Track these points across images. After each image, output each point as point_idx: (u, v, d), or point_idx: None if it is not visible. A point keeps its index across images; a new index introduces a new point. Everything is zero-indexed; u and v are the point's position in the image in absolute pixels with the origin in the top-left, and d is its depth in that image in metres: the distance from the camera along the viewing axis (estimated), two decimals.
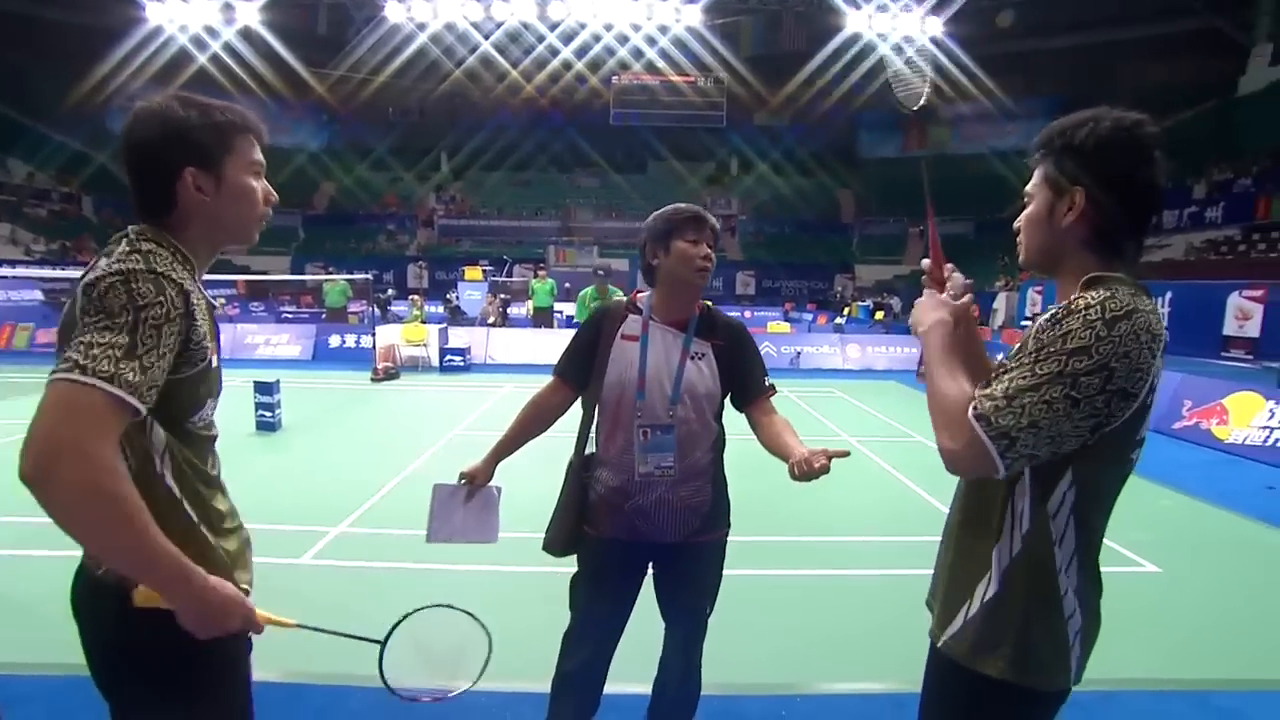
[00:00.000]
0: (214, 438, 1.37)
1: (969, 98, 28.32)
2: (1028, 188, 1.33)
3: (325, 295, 16.01)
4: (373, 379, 10.97)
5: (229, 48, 26.90)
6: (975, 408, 1.16)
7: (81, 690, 1.35)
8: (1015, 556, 1.27)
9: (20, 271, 16.12)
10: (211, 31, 26.30)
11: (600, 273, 6.91)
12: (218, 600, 1.18)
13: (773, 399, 2.12)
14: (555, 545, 2.14)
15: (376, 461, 6.13)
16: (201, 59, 26.65)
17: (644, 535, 2.04)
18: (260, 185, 1.38)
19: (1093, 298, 1.17)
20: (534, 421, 2.18)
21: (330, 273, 17.38)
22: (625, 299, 2.21)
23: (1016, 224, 1.37)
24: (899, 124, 37.87)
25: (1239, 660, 3.27)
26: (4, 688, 2.75)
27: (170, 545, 1.12)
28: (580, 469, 2.14)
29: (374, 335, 12.07)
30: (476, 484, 2.12)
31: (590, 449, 2.16)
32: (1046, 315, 1.19)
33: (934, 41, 27.40)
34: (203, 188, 1.29)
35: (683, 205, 2.09)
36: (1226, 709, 2.84)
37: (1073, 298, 1.19)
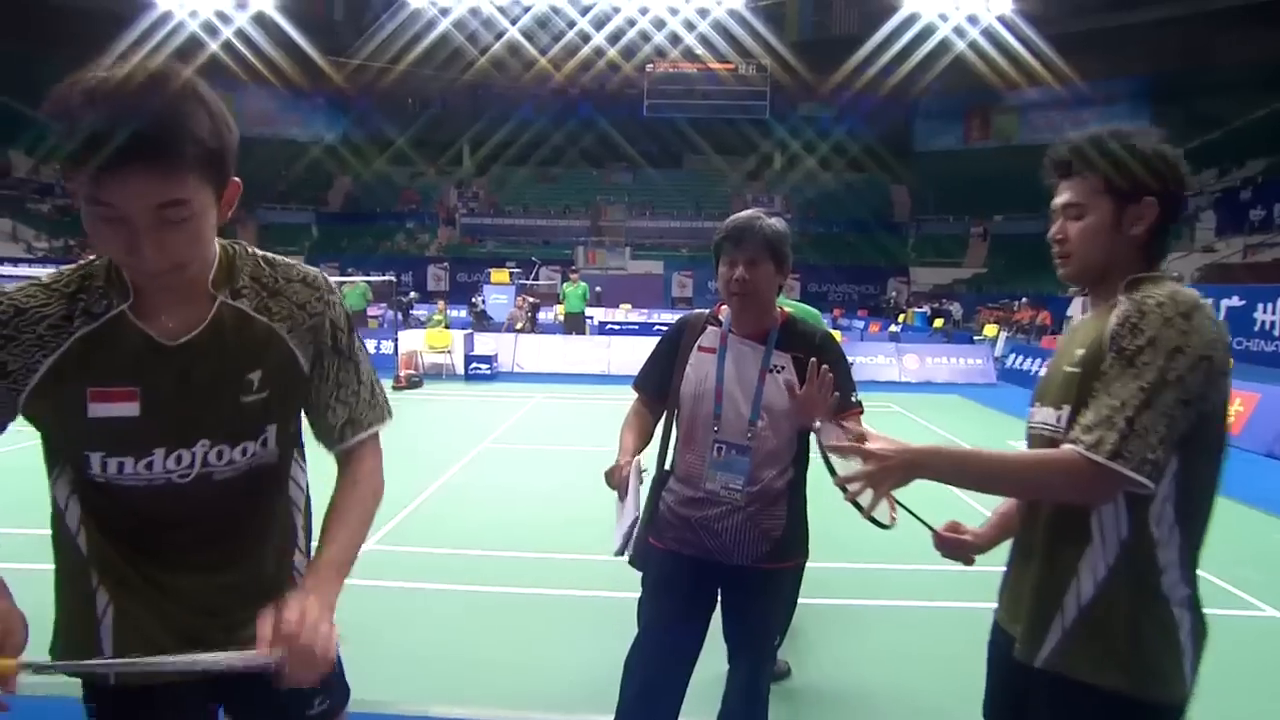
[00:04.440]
0: (137, 489, 1.21)
1: (1039, 82, 27.88)
2: (1071, 199, 1.41)
3: (343, 298, 16.33)
4: (395, 387, 11.15)
5: (241, 34, 27.69)
6: (1097, 450, 1.20)
7: None
8: (1113, 564, 1.31)
9: (22, 270, 16.57)
10: (223, 17, 27.08)
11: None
12: None
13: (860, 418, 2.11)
14: (635, 558, 2.20)
15: (404, 475, 6.24)
16: (213, 45, 27.36)
17: (711, 553, 2.10)
18: (109, 231, 1.01)
19: (1160, 294, 1.27)
20: (642, 433, 2.25)
21: (350, 273, 17.75)
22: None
23: (1056, 234, 1.44)
24: (959, 113, 37.63)
25: None
26: None
27: None
28: (660, 482, 2.22)
29: (396, 341, 12.33)
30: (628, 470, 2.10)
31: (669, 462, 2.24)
32: (1115, 322, 1.29)
33: (1001, 21, 27.14)
34: (74, 192, 1.02)
35: (730, 220, 2.13)
36: None
37: (1138, 298, 1.29)
